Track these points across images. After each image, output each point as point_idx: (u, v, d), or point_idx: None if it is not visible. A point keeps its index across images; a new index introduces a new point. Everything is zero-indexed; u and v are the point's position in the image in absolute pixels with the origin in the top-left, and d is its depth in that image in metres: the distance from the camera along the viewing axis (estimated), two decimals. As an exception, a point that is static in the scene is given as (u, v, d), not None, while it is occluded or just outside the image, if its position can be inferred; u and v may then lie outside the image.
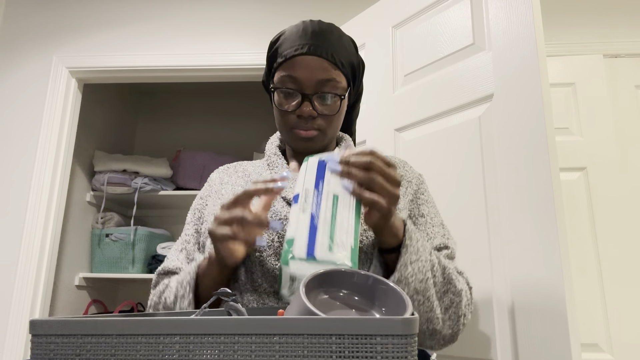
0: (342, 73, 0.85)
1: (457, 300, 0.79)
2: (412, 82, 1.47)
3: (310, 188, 0.64)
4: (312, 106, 0.83)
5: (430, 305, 0.75)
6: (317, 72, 0.82)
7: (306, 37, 0.83)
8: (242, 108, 3.24)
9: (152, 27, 2.25)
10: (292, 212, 0.63)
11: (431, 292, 0.75)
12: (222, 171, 0.99)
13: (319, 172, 0.65)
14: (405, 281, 0.71)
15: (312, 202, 0.62)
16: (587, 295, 1.68)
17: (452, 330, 0.79)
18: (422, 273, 0.74)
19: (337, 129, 0.89)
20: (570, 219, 1.75)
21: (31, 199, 2.06)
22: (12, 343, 1.94)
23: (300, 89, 0.83)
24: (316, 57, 0.82)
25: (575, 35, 2.07)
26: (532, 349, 1.04)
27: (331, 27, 0.87)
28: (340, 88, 0.85)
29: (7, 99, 2.20)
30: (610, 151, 1.79)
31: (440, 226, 0.90)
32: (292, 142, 0.88)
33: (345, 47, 0.86)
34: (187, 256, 0.90)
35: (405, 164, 0.96)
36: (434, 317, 0.76)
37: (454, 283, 0.79)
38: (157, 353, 0.45)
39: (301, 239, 0.60)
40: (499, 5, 1.25)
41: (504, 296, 1.13)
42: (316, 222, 0.61)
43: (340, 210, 0.63)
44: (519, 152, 1.14)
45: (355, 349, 0.43)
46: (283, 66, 0.84)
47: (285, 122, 0.87)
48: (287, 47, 0.84)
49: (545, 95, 1.11)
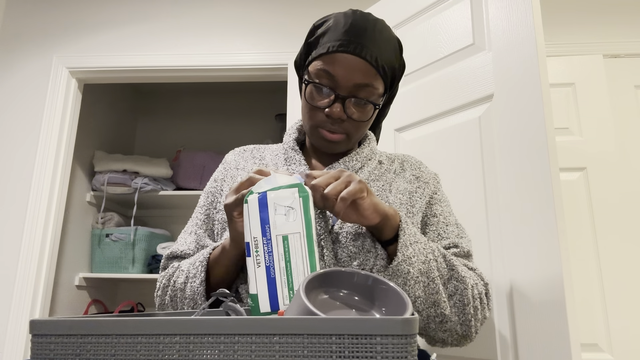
0: (381, 79, 0.80)
1: (461, 287, 0.77)
2: (412, 82, 1.47)
3: (258, 236, 0.63)
4: (344, 108, 0.79)
5: (435, 287, 0.74)
6: (357, 74, 0.78)
7: (352, 32, 0.78)
8: (242, 108, 3.24)
9: (152, 27, 2.25)
10: (248, 266, 0.63)
11: (435, 274, 0.74)
12: (239, 154, 0.95)
13: (262, 214, 0.63)
14: (408, 261, 0.71)
15: (263, 253, 0.63)
16: (587, 295, 1.68)
17: (459, 318, 0.77)
18: (423, 254, 0.73)
19: (363, 134, 0.86)
20: (570, 219, 1.75)
21: (31, 199, 2.06)
22: (12, 343, 1.94)
23: (335, 87, 0.79)
24: (358, 58, 0.77)
25: (575, 35, 2.07)
26: (532, 349, 1.04)
27: (380, 25, 0.81)
28: (377, 95, 0.81)
29: (7, 99, 2.20)
30: (610, 151, 1.79)
31: (454, 225, 0.89)
32: (315, 140, 0.85)
33: (391, 50, 0.82)
34: (197, 241, 0.88)
35: (420, 164, 0.94)
36: (441, 300, 0.75)
37: (456, 269, 0.77)
38: (157, 353, 0.45)
39: (263, 294, 0.62)
40: (499, 5, 1.25)
41: (504, 295, 1.13)
42: (273, 275, 0.62)
43: (294, 252, 0.62)
44: (519, 152, 1.14)
45: (355, 349, 0.43)
46: (322, 58, 0.79)
47: (312, 117, 0.83)
48: (330, 39, 0.79)
49: (545, 96, 1.11)
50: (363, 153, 0.90)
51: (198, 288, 0.75)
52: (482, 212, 1.20)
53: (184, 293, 0.78)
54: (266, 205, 0.63)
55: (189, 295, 0.77)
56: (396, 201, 0.85)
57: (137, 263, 2.51)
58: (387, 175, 0.90)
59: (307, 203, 0.63)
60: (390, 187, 0.88)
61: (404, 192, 0.87)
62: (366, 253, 0.77)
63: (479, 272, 0.84)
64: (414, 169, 0.93)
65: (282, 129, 2.84)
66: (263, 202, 0.63)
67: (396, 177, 0.91)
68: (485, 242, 1.18)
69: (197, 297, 0.76)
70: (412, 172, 0.92)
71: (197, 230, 0.90)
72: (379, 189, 0.87)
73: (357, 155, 0.89)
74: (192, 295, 0.76)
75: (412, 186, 0.89)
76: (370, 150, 0.92)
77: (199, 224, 0.91)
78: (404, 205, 0.85)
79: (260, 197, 0.63)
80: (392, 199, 0.85)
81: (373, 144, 0.94)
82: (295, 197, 0.63)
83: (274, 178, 0.66)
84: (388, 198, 0.85)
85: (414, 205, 0.87)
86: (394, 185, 0.88)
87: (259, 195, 0.63)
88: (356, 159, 0.88)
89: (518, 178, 1.13)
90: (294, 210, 0.63)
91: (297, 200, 0.63)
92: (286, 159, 0.89)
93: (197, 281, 0.76)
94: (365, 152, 0.90)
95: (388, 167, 0.92)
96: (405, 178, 0.90)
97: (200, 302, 0.75)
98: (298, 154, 0.88)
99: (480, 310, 0.80)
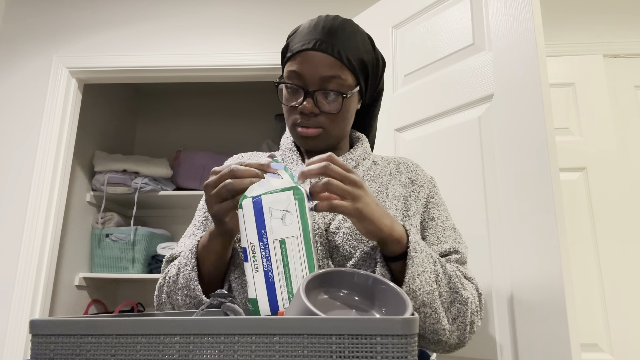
0: (349, 71, 0.83)
1: (463, 310, 0.77)
2: (412, 82, 1.47)
3: (254, 242, 0.62)
4: (315, 103, 0.82)
5: (437, 317, 0.74)
6: (322, 68, 0.81)
7: (315, 32, 0.82)
8: (242, 108, 3.24)
9: (152, 27, 2.25)
10: (246, 270, 0.63)
11: (437, 303, 0.74)
12: (237, 159, 0.97)
13: (258, 219, 0.62)
14: (412, 294, 0.70)
15: (261, 258, 0.62)
16: (587, 295, 1.68)
17: (459, 339, 0.78)
18: (428, 284, 0.72)
19: (343, 128, 0.87)
20: (570, 219, 1.75)
21: (31, 199, 2.06)
22: (12, 343, 1.94)
23: (304, 85, 0.82)
24: (322, 53, 0.81)
25: (575, 35, 2.07)
26: (532, 349, 1.04)
27: (345, 23, 0.85)
28: (346, 86, 0.83)
29: (7, 99, 2.20)
30: (610, 151, 1.79)
31: (451, 230, 0.88)
32: (296, 140, 0.87)
33: (357, 43, 0.84)
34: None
35: (417, 167, 0.95)
36: (440, 329, 0.75)
37: (460, 292, 0.77)
38: (157, 353, 0.45)
39: (263, 299, 0.62)
40: (499, 5, 1.25)
41: (504, 296, 1.13)
42: (272, 279, 0.62)
43: (291, 255, 0.62)
44: (519, 152, 1.14)
45: (355, 349, 0.43)
46: (290, 61, 0.83)
47: (289, 117, 0.86)
48: (296, 42, 0.84)
49: (545, 96, 1.11)
50: (357, 152, 0.91)
51: (190, 274, 0.75)
52: (482, 212, 1.20)
53: (177, 284, 0.78)
54: (261, 209, 0.62)
55: (182, 283, 0.77)
56: (392, 207, 0.85)
57: (137, 263, 2.51)
58: (382, 177, 0.90)
59: (302, 205, 0.62)
60: (387, 190, 0.88)
61: (399, 198, 0.87)
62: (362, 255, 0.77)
63: (475, 282, 0.84)
64: (410, 172, 0.92)
65: (282, 129, 2.84)
66: (258, 206, 0.62)
67: (392, 179, 0.91)
68: (485, 242, 1.18)
69: (190, 283, 0.75)
70: (408, 174, 0.92)
71: (195, 232, 0.91)
72: (375, 190, 0.87)
73: (351, 155, 0.90)
74: (186, 283, 0.76)
75: (406, 190, 0.89)
76: (363, 150, 0.93)
77: (197, 226, 0.91)
78: (400, 211, 0.85)
79: (254, 202, 0.62)
80: (389, 204, 0.85)
81: (366, 144, 0.95)
82: (291, 200, 0.62)
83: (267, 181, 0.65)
84: (385, 202, 0.85)
85: (409, 209, 0.86)
86: (390, 188, 0.88)
87: (253, 200, 0.62)
88: (350, 158, 0.89)
89: (518, 178, 1.13)
90: (290, 214, 0.62)
91: (292, 203, 0.62)
92: (283, 159, 0.91)
93: (189, 268, 0.76)
94: (358, 151, 0.91)
95: (383, 169, 0.92)
96: (400, 181, 0.90)
97: (194, 288, 0.75)
98: (295, 154, 0.90)
99: (476, 324, 0.81)
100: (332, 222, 0.81)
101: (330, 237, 0.79)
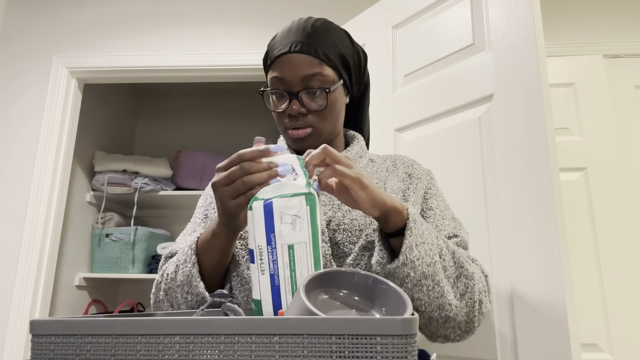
0: (328, 66, 0.84)
1: (471, 285, 0.76)
2: (412, 83, 1.47)
3: (262, 245, 0.61)
4: (301, 103, 0.83)
5: (440, 290, 0.73)
6: (301, 68, 0.82)
7: (290, 35, 0.84)
8: (242, 108, 3.24)
9: (152, 27, 2.25)
10: (252, 272, 0.62)
11: (440, 276, 0.74)
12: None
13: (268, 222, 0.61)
14: (411, 264, 0.70)
15: (268, 261, 0.61)
16: (587, 295, 1.68)
17: (467, 317, 0.77)
18: (429, 256, 0.72)
19: (333, 125, 0.87)
20: (570, 219, 1.75)
21: (31, 199, 2.06)
22: (12, 343, 1.94)
23: (288, 88, 0.83)
24: (298, 54, 0.82)
25: (575, 36, 2.07)
26: (532, 349, 1.04)
27: (318, 22, 0.86)
28: (328, 82, 0.84)
29: (7, 99, 2.20)
30: (610, 151, 1.79)
31: (450, 219, 0.89)
32: (289, 143, 0.88)
33: (333, 39, 0.86)
34: None
35: (413, 162, 0.96)
36: (446, 304, 0.74)
37: (465, 267, 0.77)
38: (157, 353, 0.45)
39: (267, 301, 0.61)
40: (499, 5, 1.25)
41: (504, 296, 1.13)
42: (277, 282, 0.61)
43: (299, 261, 0.61)
44: (519, 152, 1.14)
45: (355, 349, 0.43)
46: (271, 68, 0.85)
47: (280, 123, 0.87)
48: (274, 49, 0.85)
49: (545, 96, 1.11)
50: (353, 150, 0.92)
51: (191, 270, 0.75)
52: (482, 212, 1.20)
53: (176, 281, 0.77)
54: (272, 213, 0.61)
55: (181, 280, 0.76)
56: None
57: (137, 263, 2.51)
58: (380, 173, 0.91)
59: (314, 211, 0.62)
60: (385, 186, 0.89)
61: (398, 192, 0.88)
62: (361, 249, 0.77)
63: (479, 262, 0.84)
64: (407, 167, 0.93)
65: (282, 129, 2.83)
66: (269, 210, 0.61)
67: (389, 174, 0.92)
68: (485, 242, 1.18)
69: (192, 280, 0.75)
70: (405, 169, 0.93)
71: (196, 228, 0.91)
72: None
73: (347, 153, 0.91)
74: (187, 280, 0.75)
75: (404, 184, 0.90)
76: (360, 148, 0.94)
77: (198, 223, 0.91)
78: None
79: (265, 205, 0.61)
80: None
81: (362, 143, 0.96)
82: (303, 206, 0.61)
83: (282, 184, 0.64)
84: None
85: (408, 200, 0.87)
86: (389, 183, 0.89)
87: (264, 203, 0.61)
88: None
89: (518, 178, 1.13)
90: (300, 219, 0.61)
91: (304, 209, 0.61)
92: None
93: (189, 264, 0.75)
94: (355, 149, 0.92)
95: (380, 166, 0.93)
96: (398, 176, 0.91)
97: (196, 285, 0.74)
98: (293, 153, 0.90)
99: (485, 304, 0.80)
100: (332, 220, 0.81)
101: (331, 234, 0.80)
